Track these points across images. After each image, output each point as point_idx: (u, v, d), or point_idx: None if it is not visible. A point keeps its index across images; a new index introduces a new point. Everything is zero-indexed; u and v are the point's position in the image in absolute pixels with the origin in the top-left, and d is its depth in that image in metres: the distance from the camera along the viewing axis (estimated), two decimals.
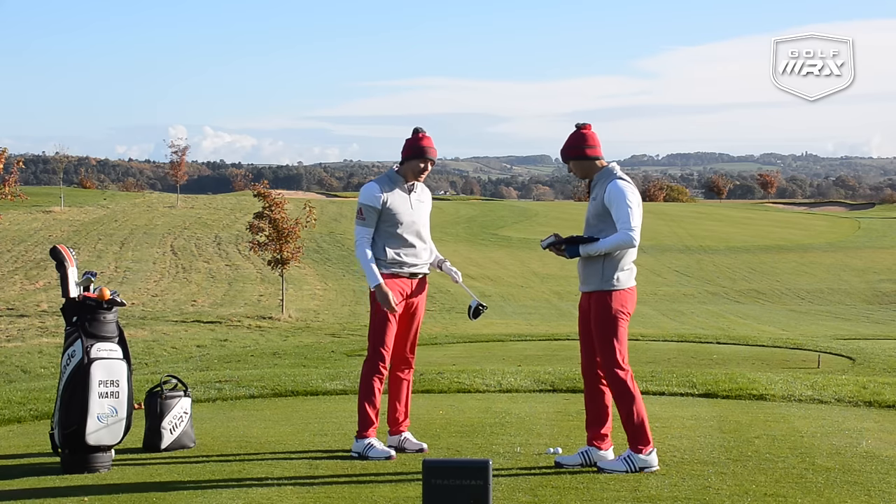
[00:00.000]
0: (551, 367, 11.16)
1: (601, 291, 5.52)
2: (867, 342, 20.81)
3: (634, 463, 5.41)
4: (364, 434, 5.84)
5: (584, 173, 5.67)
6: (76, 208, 62.29)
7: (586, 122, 5.66)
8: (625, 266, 5.51)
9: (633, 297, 5.59)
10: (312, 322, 30.16)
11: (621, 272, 5.50)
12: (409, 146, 5.96)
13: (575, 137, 5.64)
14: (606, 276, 5.50)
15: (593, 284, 5.56)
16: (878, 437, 6.33)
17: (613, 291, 5.49)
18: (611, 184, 5.48)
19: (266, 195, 30.97)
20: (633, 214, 5.39)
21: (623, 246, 5.41)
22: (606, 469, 5.41)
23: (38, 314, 30.38)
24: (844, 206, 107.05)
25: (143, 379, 9.79)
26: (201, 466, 5.69)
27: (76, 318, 5.72)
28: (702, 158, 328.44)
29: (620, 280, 5.50)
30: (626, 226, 5.38)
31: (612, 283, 5.49)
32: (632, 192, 5.47)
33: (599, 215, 5.54)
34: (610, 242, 5.42)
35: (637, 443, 5.44)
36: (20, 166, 29.53)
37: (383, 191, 5.87)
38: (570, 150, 5.63)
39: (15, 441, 6.67)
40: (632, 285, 5.58)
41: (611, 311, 5.49)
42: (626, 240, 5.39)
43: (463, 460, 4.61)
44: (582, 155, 5.59)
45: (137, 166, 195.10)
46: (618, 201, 5.42)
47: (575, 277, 18.94)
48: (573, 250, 5.57)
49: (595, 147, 5.60)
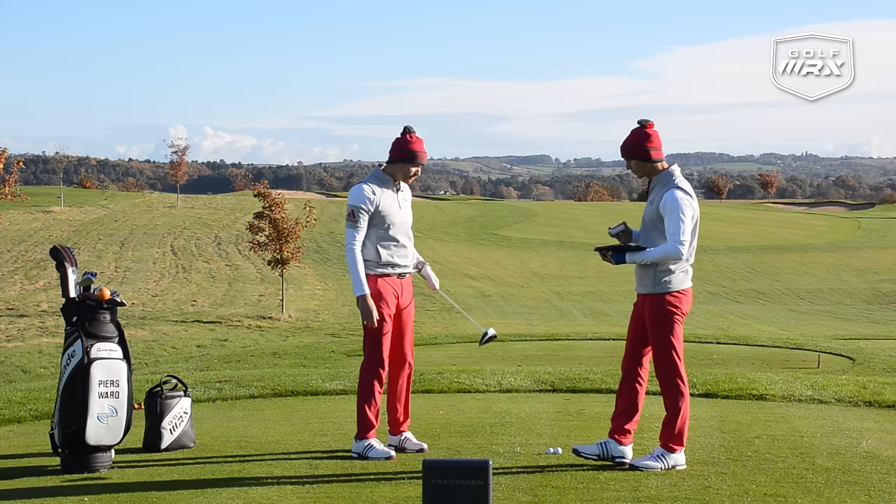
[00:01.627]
0: (551, 367, 11.16)
1: (654, 294, 5.52)
2: (867, 342, 20.81)
3: (667, 460, 5.44)
4: (364, 436, 5.84)
5: (643, 173, 5.61)
6: (76, 208, 62.30)
7: (649, 120, 5.58)
8: (679, 269, 5.49)
9: (688, 299, 5.57)
10: (312, 322, 30.16)
11: (674, 274, 5.48)
12: (399, 148, 5.85)
13: (639, 136, 5.56)
14: (658, 279, 5.49)
15: (647, 287, 5.55)
16: (878, 437, 6.33)
17: (666, 294, 5.49)
18: (668, 192, 5.45)
19: (266, 195, 30.96)
20: (684, 227, 5.37)
21: (670, 258, 5.40)
22: (640, 466, 5.44)
23: (38, 314, 30.38)
24: (844, 206, 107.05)
25: (143, 379, 9.79)
26: (201, 466, 5.69)
27: (76, 318, 5.72)
28: (702, 158, 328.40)
29: (673, 282, 5.49)
30: (675, 238, 5.37)
31: (664, 286, 5.48)
32: (687, 202, 5.43)
33: (654, 221, 5.52)
34: (657, 253, 5.41)
35: (673, 441, 5.48)
36: (20, 166, 29.52)
37: (374, 192, 5.79)
38: (633, 149, 5.56)
39: (15, 441, 6.67)
40: (687, 287, 5.55)
41: (664, 313, 5.50)
42: (674, 252, 5.37)
43: (463, 460, 4.61)
44: (646, 156, 5.53)
45: (137, 166, 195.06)
46: (671, 211, 5.39)
47: (575, 277, 18.91)
48: (619, 257, 5.54)
49: (659, 148, 5.55)
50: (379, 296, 5.85)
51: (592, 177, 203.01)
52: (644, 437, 6.29)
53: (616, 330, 23.94)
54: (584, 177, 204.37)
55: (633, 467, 5.46)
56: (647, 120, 5.57)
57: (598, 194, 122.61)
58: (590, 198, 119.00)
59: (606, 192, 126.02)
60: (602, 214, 76.79)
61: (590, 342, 18.68)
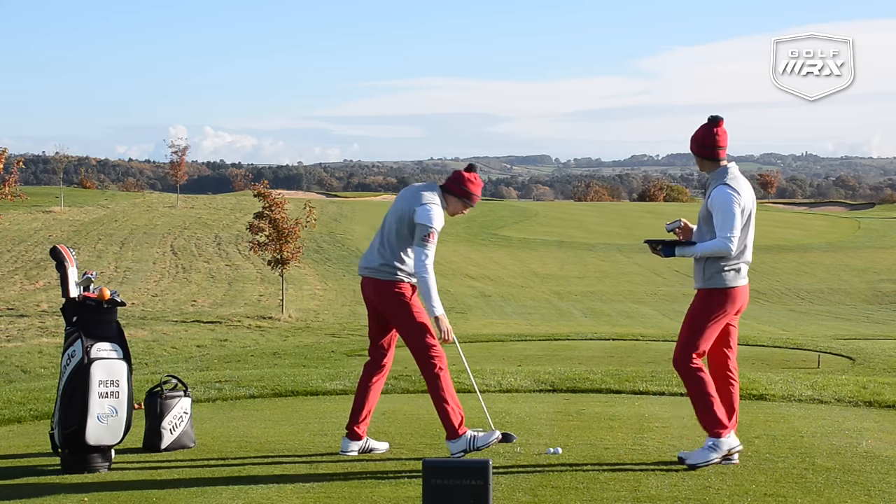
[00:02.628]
0: (551, 367, 11.16)
1: (703, 290, 5.54)
2: (867, 342, 20.81)
3: (721, 447, 5.44)
4: (460, 431, 5.77)
5: (704, 169, 5.67)
6: (76, 208, 62.31)
7: (720, 117, 5.60)
8: (728, 265, 5.48)
9: (739, 296, 5.54)
10: (312, 322, 30.17)
11: (724, 272, 5.48)
12: (462, 186, 5.92)
13: (707, 135, 5.59)
14: (707, 275, 5.50)
15: (699, 282, 5.58)
16: (878, 437, 6.33)
17: (714, 290, 5.49)
18: (717, 189, 5.48)
19: (266, 195, 30.97)
20: (733, 222, 5.38)
21: (718, 252, 5.41)
22: (696, 462, 5.41)
23: (38, 314, 30.38)
24: (844, 206, 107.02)
25: (143, 379, 9.79)
26: (201, 466, 5.69)
27: (76, 318, 5.72)
28: None
29: (723, 279, 5.48)
30: (722, 233, 5.39)
31: (713, 282, 5.49)
32: (735, 198, 5.43)
33: (705, 217, 5.56)
34: (706, 248, 5.44)
35: (715, 427, 5.48)
36: (20, 166, 29.53)
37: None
38: (700, 148, 5.61)
39: (15, 441, 6.67)
40: (739, 284, 5.53)
41: (705, 307, 5.51)
42: (722, 247, 5.38)
43: (463, 460, 4.61)
44: (711, 155, 5.58)
45: (137, 166, 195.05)
46: (718, 207, 5.43)
47: (575, 277, 18.89)
48: (668, 251, 5.59)
49: (724, 148, 5.58)
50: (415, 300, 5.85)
51: (592, 177, 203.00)
52: (644, 438, 6.30)
53: (616, 330, 23.94)
54: (584, 177, 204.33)
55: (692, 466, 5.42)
56: (718, 117, 5.62)
57: (598, 194, 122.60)
58: (590, 198, 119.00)
59: (606, 192, 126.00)
60: (602, 214, 76.78)
61: (590, 342, 18.69)
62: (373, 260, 5.85)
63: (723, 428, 5.48)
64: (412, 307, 5.81)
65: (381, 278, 5.80)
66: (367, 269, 5.88)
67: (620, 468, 5.48)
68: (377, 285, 5.81)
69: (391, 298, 5.78)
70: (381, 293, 5.81)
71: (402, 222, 5.77)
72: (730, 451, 5.48)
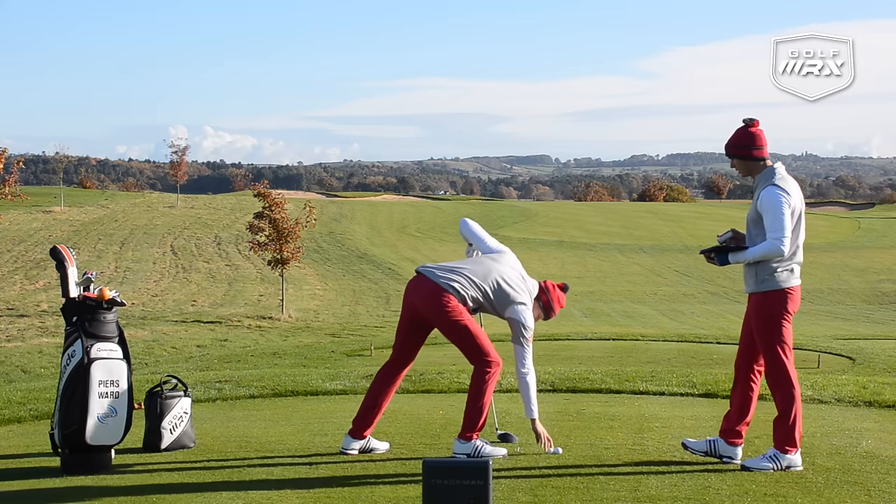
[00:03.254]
0: (551, 367, 11.15)
1: (757, 293, 5.49)
2: (867, 342, 20.79)
3: (780, 461, 5.40)
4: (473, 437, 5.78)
5: (747, 172, 5.61)
6: (76, 208, 62.30)
7: (754, 119, 5.58)
8: (781, 267, 5.44)
9: (794, 297, 5.50)
10: (312, 322, 30.16)
11: (777, 273, 5.44)
12: (553, 302, 6.12)
13: (743, 135, 5.56)
14: (761, 278, 5.46)
15: (751, 286, 5.53)
16: (878, 437, 6.33)
17: (769, 292, 5.45)
18: (765, 190, 5.43)
19: (266, 195, 30.96)
20: (784, 223, 5.33)
21: (771, 255, 5.36)
22: (752, 467, 5.39)
23: (38, 314, 30.37)
24: (844, 206, 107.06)
25: (143, 379, 9.79)
26: (201, 466, 5.68)
27: (76, 318, 5.72)
28: (702, 158, 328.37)
29: (777, 280, 5.44)
30: (774, 234, 5.33)
31: (767, 284, 5.45)
32: (785, 198, 5.37)
33: (754, 220, 5.51)
34: (758, 251, 5.39)
35: (786, 443, 5.42)
36: (20, 166, 29.56)
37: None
38: (736, 148, 5.57)
39: (15, 441, 6.67)
40: (793, 284, 5.48)
41: (768, 313, 5.46)
42: (774, 249, 5.33)
43: (463, 460, 4.62)
44: (748, 155, 5.54)
45: (137, 166, 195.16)
46: (768, 208, 5.37)
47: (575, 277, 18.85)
48: (723, 258, 5.55)
49: (762, 147, 5.54)
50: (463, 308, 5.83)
51: (592, 177, 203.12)
52: (644, 438, 6.30)
53: (616, 330, 23.94)
54: (584, 177, 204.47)
55: (745, 468, 5.42)
56: (752, 119, 5.58)
57: (598, 194, 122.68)
58: (590, 198, 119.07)
59: (606, 192, 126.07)
60: (602, 214, 76.78)
61: (590, 342, 18.68)
62: (451, 275, 5.81)
63: (793, 447, 5.42)
64: (463, 312, 5.78)
65: (443, 286, 5.75)
66: (440, 272, 5.82)
67: (620, 468, 5.48)
68: (434, 289, 5.74)
69: (441, 304, 5.72)
70: (433, 296, 5.73)
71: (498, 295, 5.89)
72: (787, 468, 5.39)
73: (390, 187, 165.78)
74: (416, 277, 5.89)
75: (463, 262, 5.99)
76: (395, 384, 6.05)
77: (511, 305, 5.88)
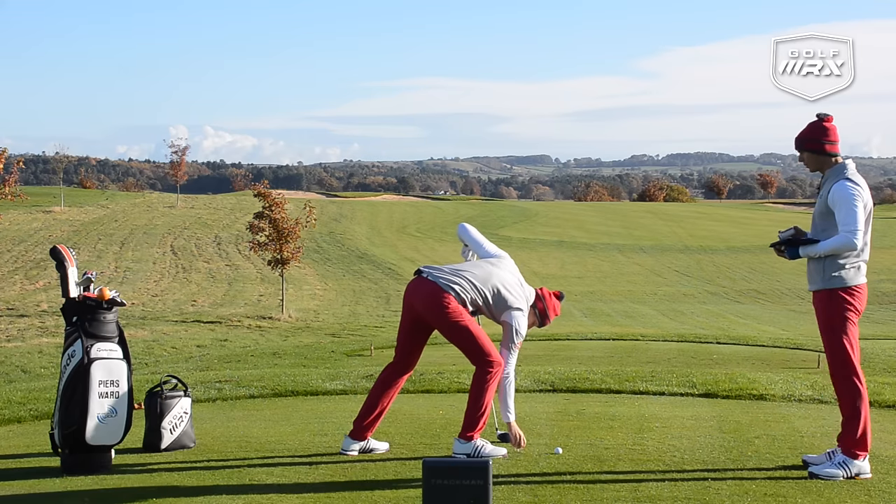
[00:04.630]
0: (551, 367, 11.15)
1: (824, 290, 5.42)
2: (867, 342, 20.77)
3: (850, 468, 5.26)
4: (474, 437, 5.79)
5: (817, 166, 5.54)
6: (76, 208, 62.30)
7: (828, 114, 5.52)
8: (849, 263, 5.39)
9: (861, 295, 5.44)
10: (312, 322, 30.15)
11: (845, 270, 5.38)
12: (549, 310, 6.07)
13: (816, 129, 5.50)
14: (828, 275, 5.39)
15: (817, 283, 5.46)
16: (878, 437, 6.32)
17: (837, 290, 5.38)
18: (837, 184, 5.36)
19: (266, 195, 30.97)
20: (857, 217, 5.28)
21: (844, 248, 5.29)
22: (822, 475, 5.23)
23: (38, 314, 30.37)
24: None
25: (143, 379, 9.79)
26: (201, 466, 5.68)
27: (76, 318, 5.72)
28: (702, 158, 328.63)
29: (844, 277, 5.38)
30: (847, 227, 5.27)
31: (834, 281, 5.38)
32: (858, 192, 5.33)
33: (823, 214, 5.44)
34: (830, 245, 5.32)
35: (855, 447, 5.31)
36: (20, 166, 29.57)
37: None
38: (808, 141, 5.50)
39: (15, 441, 6.67)
40: (860, 282, 5.43)
41: (834, 310, 5.38)
42: (847, 242, 5.27)
43: (463, 460, 4.62)
44: (820, 149, 5.47)
45: (137, 166, 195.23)
46: (841, 202, 5.31)
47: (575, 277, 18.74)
48: (793, 252, 5.48)
49: (835, 143, 5.47)
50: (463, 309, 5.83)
51: (592, 177, 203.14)
52: (644, 438, 6.30)
53: (616, 330, 23.93)
54: (584, 177, 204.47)
55: (813, 475, 5.25)
56: (825, 114, 5.53)
57: (598, 194, 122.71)
58: (590, 198, 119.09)
59: (606, 192, 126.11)
60: (602, 214, 76.78)
61: (590, 342, 18.67)
62: (451, 277, 5.80)
63: (863, 451, 5.32)
64: (463, 313, 5.77)
65: (444, 288, 5.74)
66: (440, 274, 5.81)
67: (620, 468, 5.47)
68: (435, 290, 5.73)
69: (442, 305, 5.71)
70: (434, 297, 5.72)
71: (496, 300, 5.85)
72: (857, 475, 5.27)
73: (390, 187, 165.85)
74: (416, 279, 5.89)
75: (464, 266, 5.98)
76: (398, 386, 6.05)
77: (508, 311, 5.87)
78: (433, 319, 5.78)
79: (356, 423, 5.95)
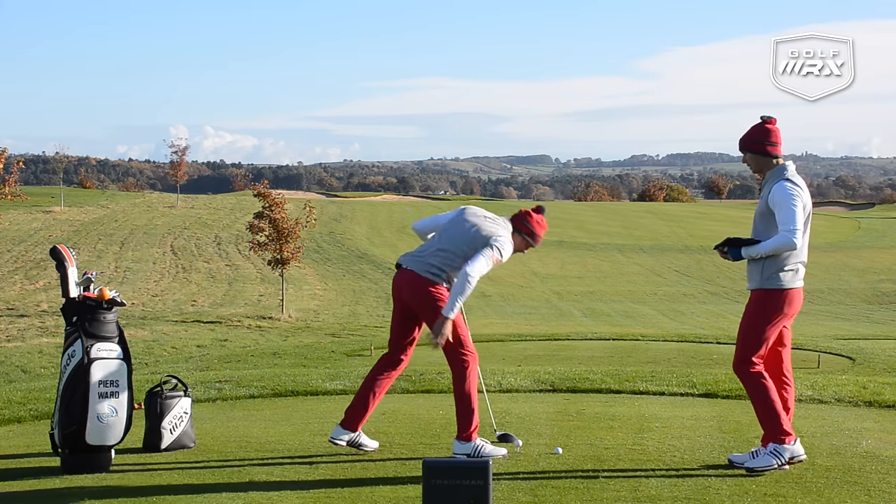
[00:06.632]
0: (551, 367, 11.15)
1: (761, 290, 5.47)
2: (867, 342, 20.78)
3: (783, 454, 5.35)
4: (472, 437, 5.79)
5: (758, 168, 5.59)
6: (76, 208, 62.29)
7: (771, 116, 5.57)
8: (787, 266, 5.43)
9: (796, 298, 5.48)
10: (312, 322, 30.15)
11: (783, 272, 5.42)
12: (530, 225, 6.01)
13: (758, 131, 5.56)
14: (766, 275, 5.44)
15: (755, 282, 5.52)
16: (878, 437, 6.33)
17: (772, 290, 5.43)
18: (777, 185, 5.42)
19: (266, 195, 30.95)
20: (796, 217, 5.31)
21: (784, 248, 5.33)
22: (755, 467, 5.32)
23: (38, 314, 30.37)
24: (844, 206, 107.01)
25: (143, 379, 9.79)
26: (201, 466, 5.69)
27: (76, 318, 5.72)
28: (702, 158, 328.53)
29: (782, 280, 5.43)
30: (786, 227, 5.31)
31: (772, 282, 5.43)
32: (797, 193, 5.37)
33: (764, 215, 5.49)
34: (771, 245, 5.37)
35: (778, 434, 5.38)
36: (20, 166, 29.55)
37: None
38: (750, 142, 5.56)
39: (15, 441, 6.67)
40: (796, 286, 5.47)
41: (766, 311, 5.44)
42: (787, 242, 5.31)
43: (463, 460, 4.62)
44: (762, 151, 5.53)
45: (137, 166, 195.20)
46: (781, 203, 5.35)
47: (575, 277, 18.75)
48: (735, 252, 5.52)
49: (777, 145, 5.53)
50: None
51: (592, 177, 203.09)
52: (644, 438, 6.30)
53: (616, 330, 23.93)
54: (584, 177, 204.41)
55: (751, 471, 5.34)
56: (769, 116, 5.58)
57: (598, 194, 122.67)
58: (590, 198, 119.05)
59: (606, 192, 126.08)
60: (602, 214, 76.75)
61: (590, 342, 18.68)
62: (425, 259, 5.85)
63: (786, 435, 5.38)
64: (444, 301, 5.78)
65: (424, 276, 5.79)
66: (415, 260, 5.87)
67: (620, 468, 5.47)
68: (417, 280, 5.80)
69: (427, 295, 5.77)
70: (418, 287, 5.78)
71: (471, 243, 5.82)
72: (791, 458, 5.37)
73: (390, 187, 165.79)
74: (400, 271, 5.95)
75: (432, 239, 6.02)
76: (391, 378, 6.06)
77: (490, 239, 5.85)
78: (419, 310, 5.83)
79: (347, 412, 5.96)
